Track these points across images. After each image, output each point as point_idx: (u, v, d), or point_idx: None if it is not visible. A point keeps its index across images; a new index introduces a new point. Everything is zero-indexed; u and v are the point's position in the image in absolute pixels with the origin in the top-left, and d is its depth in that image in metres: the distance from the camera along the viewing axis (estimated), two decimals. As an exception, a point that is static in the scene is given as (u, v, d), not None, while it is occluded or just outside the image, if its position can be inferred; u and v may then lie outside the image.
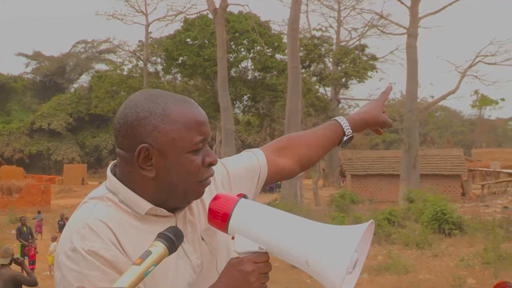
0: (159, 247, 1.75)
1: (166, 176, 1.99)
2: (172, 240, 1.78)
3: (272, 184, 2.53)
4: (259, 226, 1.91)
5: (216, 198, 1.97)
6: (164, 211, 2.04)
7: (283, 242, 1.88)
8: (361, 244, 1.87)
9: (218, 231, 2.02)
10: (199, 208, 2.16)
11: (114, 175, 2.08)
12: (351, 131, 2.60)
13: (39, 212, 32.66)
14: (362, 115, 2.65)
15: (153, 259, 1.72)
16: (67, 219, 26.98)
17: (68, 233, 1.94)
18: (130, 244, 1.94)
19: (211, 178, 2.14)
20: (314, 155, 2.57)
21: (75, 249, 1.89)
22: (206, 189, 2.10)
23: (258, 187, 2.43)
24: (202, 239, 2.13)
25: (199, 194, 2.06)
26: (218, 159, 2.34)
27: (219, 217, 1.94)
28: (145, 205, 2.01)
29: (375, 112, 2.65)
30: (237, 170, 2.36)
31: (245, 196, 1.99)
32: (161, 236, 1.77)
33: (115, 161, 2.12)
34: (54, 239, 21.63)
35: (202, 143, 2.01)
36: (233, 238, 1.95)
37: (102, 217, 1.95)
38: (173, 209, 2.08)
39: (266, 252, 1.92)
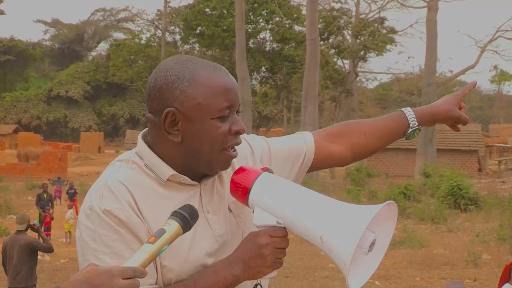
0: (173, 226, 1.75)
1: (191, 142, 1.98)
2: (187, 219, 1.78)
3: (321, 169, 2.45)
4: (277, 200, 1.91)
5: (239, 170, 1.98)
6: (187, 179, 2.02)
7: (300, 217, 1.87)
8: (380, 225, 1.86)
9: None
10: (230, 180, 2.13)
11: (146, 142, 2.07)
12: (416, 123, 2.46)
13: (58, 178, 32.88)
14: (432, 108, 2.52)
15: (166, 238, 1.72)
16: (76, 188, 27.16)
17: (90, 192, 1.98)
18: (148, 208, 1.94)
19: (249, 152, 2.17)
20: (371, 144, 2.47)
21: (92, 208, 1.92)
22: (243, 161, 2.10)
23: (302, 170, 2.38)
24: (230, 210, 2.12)
25: (224, 163, 2.04)
26: (263, 137, 2.35)
27: (240, 189, 1.95)
28: (167, 171, 2.00)
29: (448, 106, 2.52)
30: (280, 150, 2.33)
31: (269, 170, 1.98)
32: (176, 214, 1.78)
33: (147, 128, 2.12)
34: (70, 206, 21.76)
35: (229, 110, 1.99)
36: (253, 211, 1.95)
37: (122, 179, 1.96)
38: (200, 177, 2.07)
39: (284, 227, 1.91)
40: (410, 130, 2.46)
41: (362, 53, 47.59)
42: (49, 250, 10.87)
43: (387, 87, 77.19)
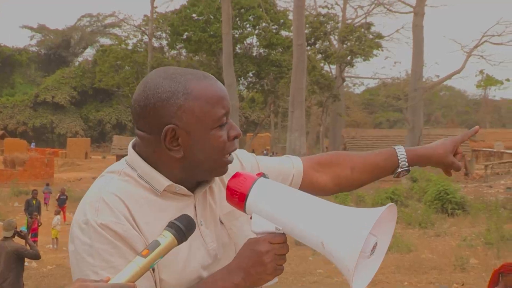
0: (168, 238, 1.73)
1: (193, 155, 1.97)
2: (182, 230, 1.76)
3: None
4: (276, 206, 1.88)
5: (235, 176, 1.95)
6: (183, 189, 2.01)
7: (299, 223, 1.85)
8: (381, 228, 1.84)
9: (240, 217, 2.03)
10: (221, 191, 2.13)
11: (137, 152, 2.04)
12: (406, 164, 2.42)
13: (47, 185, 32.87)
14: (426, 151, 2.47)
15: (159, 251, 1.70)
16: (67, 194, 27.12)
17: (83, 206, 1.94)
18: (144, 219, 1.93)
19: (239, 164, 2.16)
20: (357, 180, 2.45)
21: (88, 222, 1.88)
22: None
23: None
24: (222, 222, 2.11)
25: (223, 169, 2.04)
26: (252, 154, 2.36)
27: (237, 196, 1.92)
28: (164, 182, 1.98)
29: (443, 151, 2.48)
30: (269, 167, 2.32)
31: (265, 176, 1.96)
32: (171, 225, 1.76)
33: (136, 138, 2.08)
34: (57, 213, 21.71)
35: (226, 117, 1.99)
36: (251, 218, 1.93)
37: (117, 191, 1.93)
38: (195, 187, 2.06)
39: (283, 233, 1.89)
40: (400, 170, 2.43)
41: (348, 58, 47.68)
42: (36, 256, 10.83)
43: (373, 92, 77.28)
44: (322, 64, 49.71)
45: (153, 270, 1.90)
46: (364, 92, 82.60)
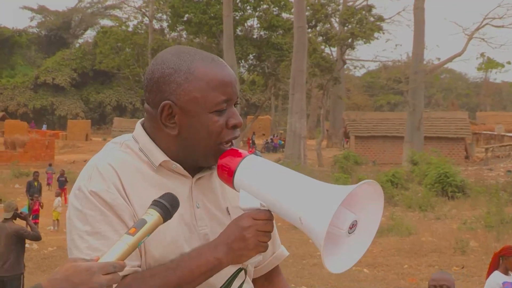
0: (154, 216, 1.76)
1: (188, 135, 1.99)
2: (168, 208, 1.79)
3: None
4: (260, 182, 1.91)
5: (225, 153, 1.98)
6: (180, 167, 2.04)
7: (280, 199, 1.87)
8: (363, 207, 1.85)
9: None
10: None
11: (144, 129, 2.09)
12: None
13: (50, 165, 32.96)
14: None
15: (146, 229, 1.73)
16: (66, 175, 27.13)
17: (81, 173, 2.02)
18: (135, 191, 1.97)
19: None
20: None
21: (80, 188, 1.96)
22: None
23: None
24: (229, 213, 2.12)
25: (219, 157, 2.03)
26: None
27: (226, 171, 1.96)
28: (160, 156, 2.02)
29: None
30: None
31: (256, 153, 2.02)
32: (155, 203, 1.78)
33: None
34: (58, 194, 21.73)
35: (226, 103, 1.99)
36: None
37: (112, 162, 1.99)
38: (195, 170, 2.07)
39: (268, 210, 1.91)
40: None
41: (349, 40, 47.49)
42: (36, 238, 10.85)
43: (374, 74, 77.10)
44: (322, 47, 49.54)
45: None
46: (365, 75, 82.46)
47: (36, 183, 22.68)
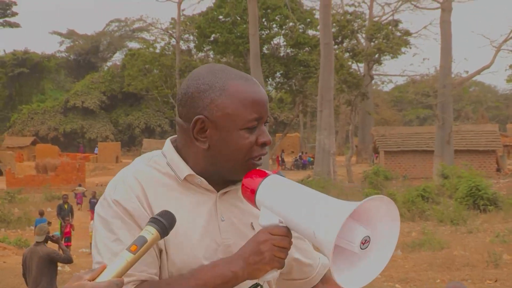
0: (153, 234, 1.83)
1: (218, 150, 2.05)
2: (165, 226, 1.85)
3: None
4: (279, 200, 1.95)
5: (249, 173, 2.04)
6: (205, 183, 2.10)
7: (296, 215, 1.91)
8: (378, 223, 1.87)
9: None
10: None
11: (174, 145, 2.17)
12: None
13: (80, 185, 33.19)
14: None
15: (146, 246, 1.81)
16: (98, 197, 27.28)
17: (108, 185, 2.13)
18: (158, 202, 2.05)
19: None
20: None
21: (105, 198, 2.09)
22: None
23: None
24: (253, 228, 2.16)
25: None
26: None
27: (248, 191, 2.01)
28: (185, 170, 2.10)
29: None
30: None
31: (279, 173, 2.04)
32: (154, 221, 1.85)
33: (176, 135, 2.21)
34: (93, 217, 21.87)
35: (257, 121, 2.06)
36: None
37: (137, 174, 2.10)
38: (220, 184, 2.13)
39: (286, 227, 1.94)
40: None
41: (376, 56, 47.41)
42: (68, 260, 10.91)
43: (402, 89, 76.71)
44: (349, 63, 49.44)
45: (162, 251, 2.03)
46: (392, 89, 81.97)
47: (66, 206, 22.87)
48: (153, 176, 2.10)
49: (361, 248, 1.84)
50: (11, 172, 48.36)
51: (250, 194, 2.00)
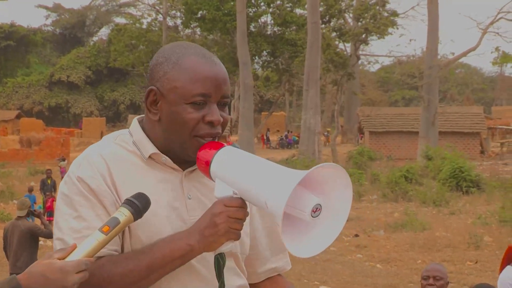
0: (126, 215, 1.85)
1: (167, 122, 2.07)
2: (139, 208, 1.88)
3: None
4: (233, 172, 1.96)
5: (204, 146, 2.05)
6: (169, 161, 2.11)
7: (249, 186, 1.91)
8: (330, 191, 1.87)
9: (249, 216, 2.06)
10: None
11: (140, 124, 2.20)
12: None
13: (63, 159, 33.09)
14: None
15: (119, 228, 1.84)
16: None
17: (73, 162, 2.14)
18: (123, 180, 2.06)
19: None
20: None
21: (69, 175, 2.09)
22: None
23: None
24: None
25: (196, 149, 2.07)
26: None
27: (203, 164, 2.02)
28: (150, 149, 2.11)
29: None
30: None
31: (234, 145, 2.05)
32: (128, 203, 1.88)
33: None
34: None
35: (204, 98, 2.04)
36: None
37: (103, 153, 2.10)
38: (186, 163, 2.13)
39: (240, 198, 1.95)
40: None
41: (363, 36, 47.38)
42: (50, 235, 10.85)
43: (389, 70, 76.95)
44: (336, 42, 49.41)
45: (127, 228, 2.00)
46: (379, 70, 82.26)
47: (49, 181, 22.80)
48: (119, 154, 2.11)
49: (312, 217, 1.84)
50: (-5, 146, 48.19)
51: (205, 166, 2.01)
